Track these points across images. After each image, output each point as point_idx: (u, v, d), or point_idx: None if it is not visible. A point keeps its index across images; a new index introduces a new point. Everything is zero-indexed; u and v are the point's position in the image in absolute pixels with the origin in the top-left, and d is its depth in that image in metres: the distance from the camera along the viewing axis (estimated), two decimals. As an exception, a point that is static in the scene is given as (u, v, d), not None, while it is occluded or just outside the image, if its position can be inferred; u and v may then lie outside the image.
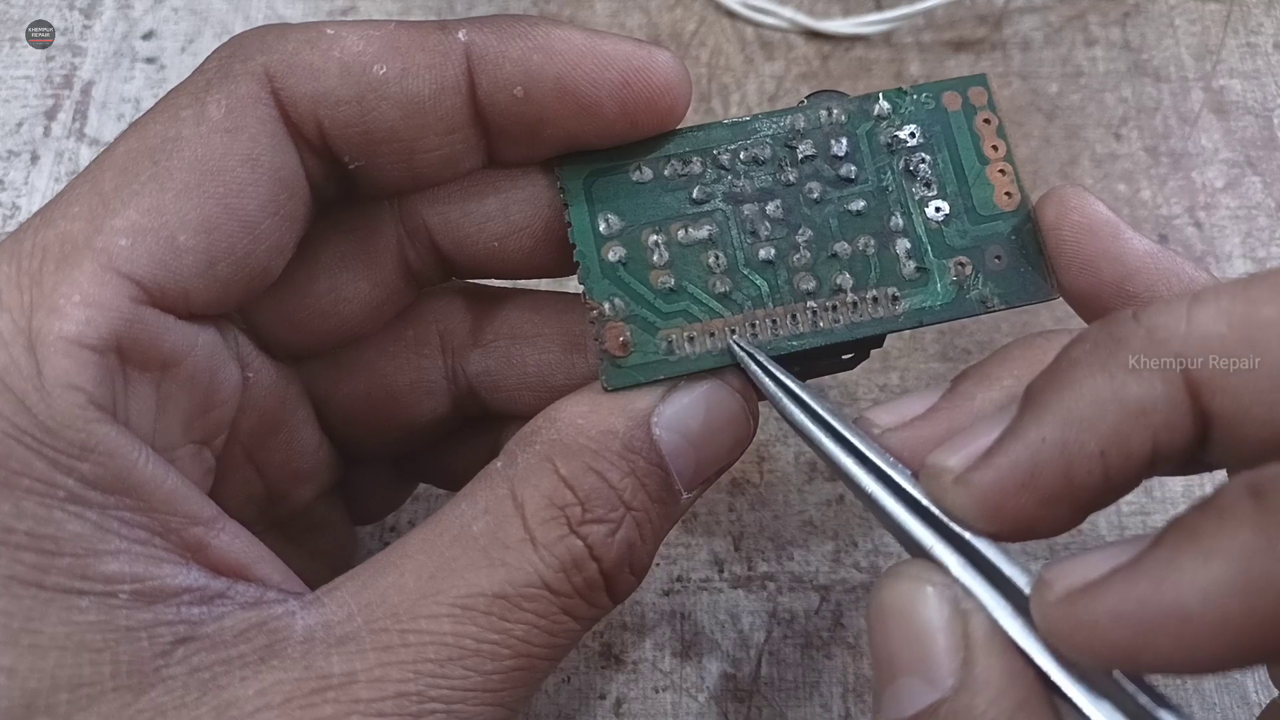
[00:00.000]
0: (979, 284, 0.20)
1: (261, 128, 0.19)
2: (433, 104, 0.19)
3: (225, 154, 0.18)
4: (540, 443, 0.19)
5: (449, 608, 0.17)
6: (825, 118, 0.21)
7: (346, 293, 0.22)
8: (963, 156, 0.21)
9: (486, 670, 0.17)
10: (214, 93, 0.18)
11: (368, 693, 0.16)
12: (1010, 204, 0.21)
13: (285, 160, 0.19)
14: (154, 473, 0.17)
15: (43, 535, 0.16)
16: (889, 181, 0.21)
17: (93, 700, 0.16)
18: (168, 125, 0.18)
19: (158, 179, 0.18)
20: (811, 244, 0.20)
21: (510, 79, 0.19)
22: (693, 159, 0.21)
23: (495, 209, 0.21)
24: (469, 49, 0.19)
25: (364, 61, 0.19)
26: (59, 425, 0.16)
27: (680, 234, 0.20)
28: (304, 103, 0.19)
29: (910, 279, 0.20)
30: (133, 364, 0.18)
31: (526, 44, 0.19)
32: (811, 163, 0.21)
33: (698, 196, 0.21)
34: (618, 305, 0.20)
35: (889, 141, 0.21)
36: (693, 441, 0.19)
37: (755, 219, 0.20)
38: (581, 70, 0.19)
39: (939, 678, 0.15)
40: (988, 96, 0.21)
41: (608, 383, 0.19)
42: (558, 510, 0.18)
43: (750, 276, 0.20)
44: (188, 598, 0.17)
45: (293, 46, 0.19)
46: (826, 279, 0.20)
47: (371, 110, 0.19)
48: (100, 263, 0.17)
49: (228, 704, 0.16)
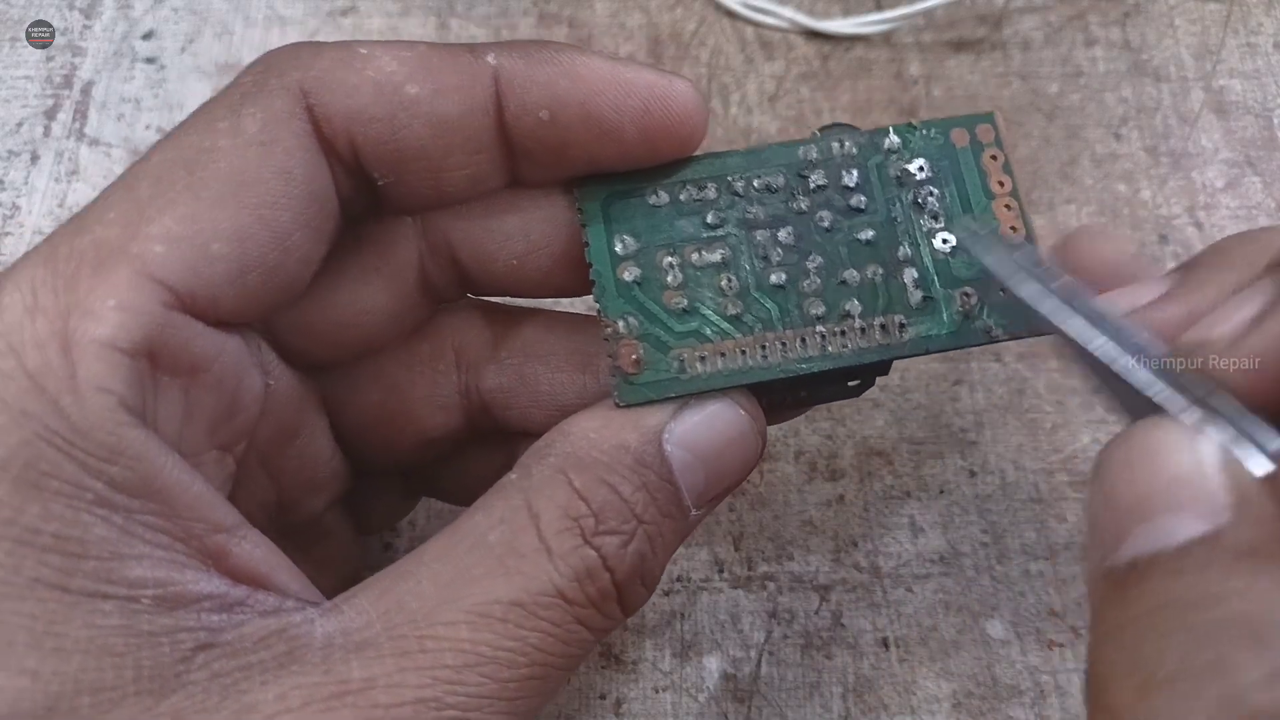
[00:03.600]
0: (983, 314, 0.21)
1: (296, 142, 0.19)
2: (461, 124, 0.20)
3: (260, 166, 0.18)
4: (555, 455, 0.19)
5: (466, 615, 0.17)
6: (837, 150, 0.22)
7: (367, 305, 0.22)
8: (970, 191, 0.22)
9: (502, 678, 0.17)
10: (249, 106, 0.19)
11: (386, 697, 0.16)
12: (1015, 238, 0.21)
13: (317, 175, 0.19)
14: (180, 478, 0.17)
15: (69, 538, 0.16)
16: (898, 213, 0.21)
17: (114, 704, 0.16)
18: (203, 137, 0.19)
19: (193, 188, 0.18)
20: (821, 270, 0.21)
21: (537, 103, 0.20)
22: (708, 185, 0.21)
23: (516, 228, 0.22)
24: (498, 72, 0.20)
25: (397, 81, 0.19)
26: (90, 428, 0.16)
27: (694, 256, 0.21)
28: (337, 119, 0.19)
29: (917, 307, 0.21)
30: (163, 368, 0.18)
31: (554, 69, 0.20)
32: (823, 192, 0.21)
33: (712, 221, 0.21)
34: (631, 324, 0.20)
35: (898, 174, 0.22)
36: (702, 458, 0.20)
37: (767, 244, 0.21)
38: (605, 96, 0.20)
39: (1212, 512, 0.15)
40: (995, 134, 0.22)
41: (620, 399, 0.20)
42: (572, 521, 0.18)
43: (761, 300, 0.21)
44: (208, 605, 0.17)
45: (327, 64, 0.19)
46: (835, 305, 0.21)
47: (403, 128, 0.20)
48: (135, 268, 0.17)
49: (248, 708, 0.16)
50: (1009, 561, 0.28)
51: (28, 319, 0.17)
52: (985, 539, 0.28)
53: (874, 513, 0.29)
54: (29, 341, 0.16)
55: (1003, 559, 0.28)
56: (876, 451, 0.29)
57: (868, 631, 0.27)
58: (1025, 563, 0.28)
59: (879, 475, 0.29)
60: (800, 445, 0.30)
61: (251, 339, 0.21)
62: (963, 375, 0.30)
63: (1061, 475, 0.29)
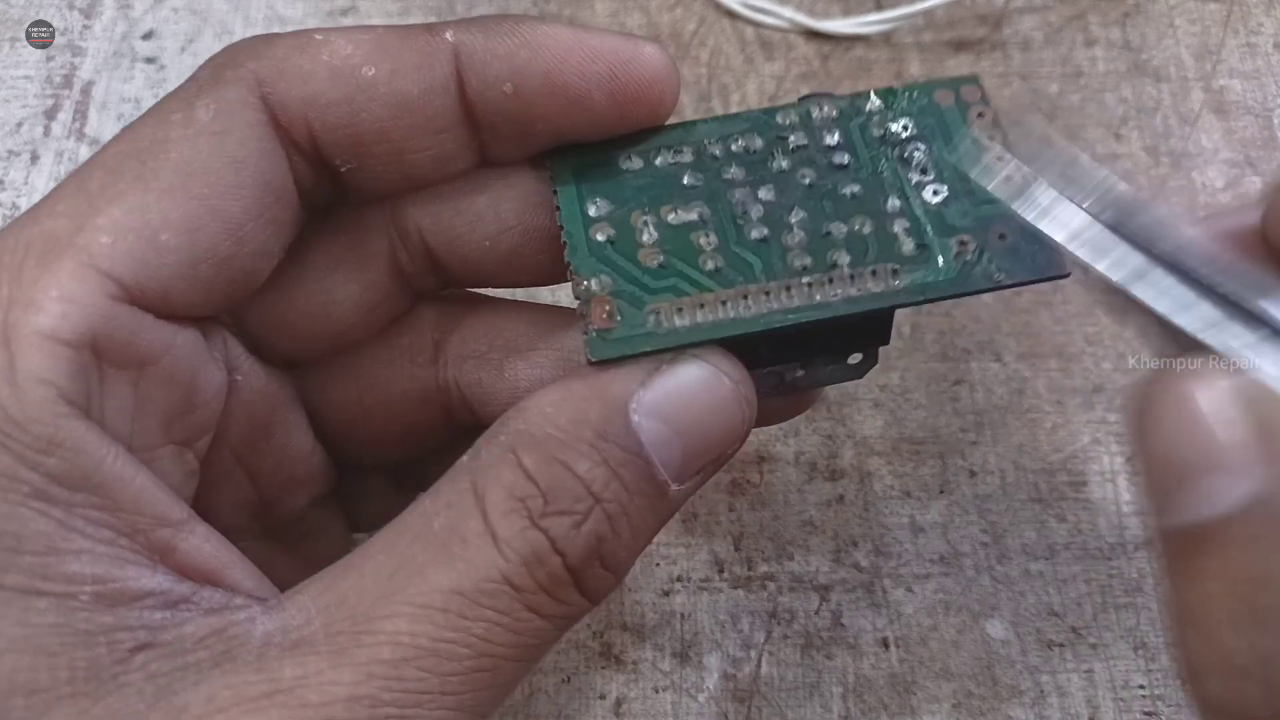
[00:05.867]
0: (984, 260, 0.20)
1: (249, 131, 0.19)
2: (422, 103, 0.20)
3: (211, 156, 0.18)
4: (505, 434, 0.18)
5: (406, 606, 0.17)
6: (817, 113, 0.21)
7: (337, 295, 0.22)
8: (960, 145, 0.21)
9: (444, 671, 0.17)
10: (203, 97, 0.19)
11: (316, 696, 0.16)
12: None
13: (272, 164, 0.19)
14: (123, 471, 0.17)
15: (4, 532, 0.16)
16: (884, 168, 0.21)
17: (49, 706, 0.16)
18: (156, 128, 0.18)
19: (143, 179, 0.18)
20: (805, 224, 0.20)
21: (499, 76, 0.20)
22: (684, 149, 0.21)
23: (486, 207, 0.21)
24: (457, 48, 0.19)
25: (352, 64, 0.19)
26: (27, 419, 0.16)
27: (670, 216, 0.20)
28: (294, 106, 0.19)
29: (910, 256, 0.20)
30: (109, 361, 0.17)
31: (513, 41, 0.19)
32: (803, 151, 0.21)
33: (689, 182, 0.20)
34: (605, 281, 0.19)
35: (882, 134, 0.21)
36: (677, 429, 0.18)
37: (747, 201, 0.20)
38: (569, 64, 0.19)
39: (1251, 468, 0.14)
40: (981, 93, 0.21)
41: (592, 354, 0.19)
42: (518, 502, 0.17)
43: (742, 254, 0.20)
44: (151, 601, 0.17)
45: (281, 52, 0.19)
46: (822, 256, 0.20)
47: (361, 111, 0.19)
48: (80, 259, 0.17)
49: (178, 709, 0.16)
50: (1009, 561, 0.28)
51: None
52: (985, 539, 0.28)
53: (874, 513, 0.29)
54: None
55: (1003, 559, 0.28)
56: (876, 451, 0.29)
57: (868, 631, 0.27)
58: (1025, 563, 0.28)
59: (879, 475, 0.29)
60: (800, 445, 0.30)
61: (215, 334, 0.20)
62: (963, 375, 0.30)
63: (1061, 475, 0.29)
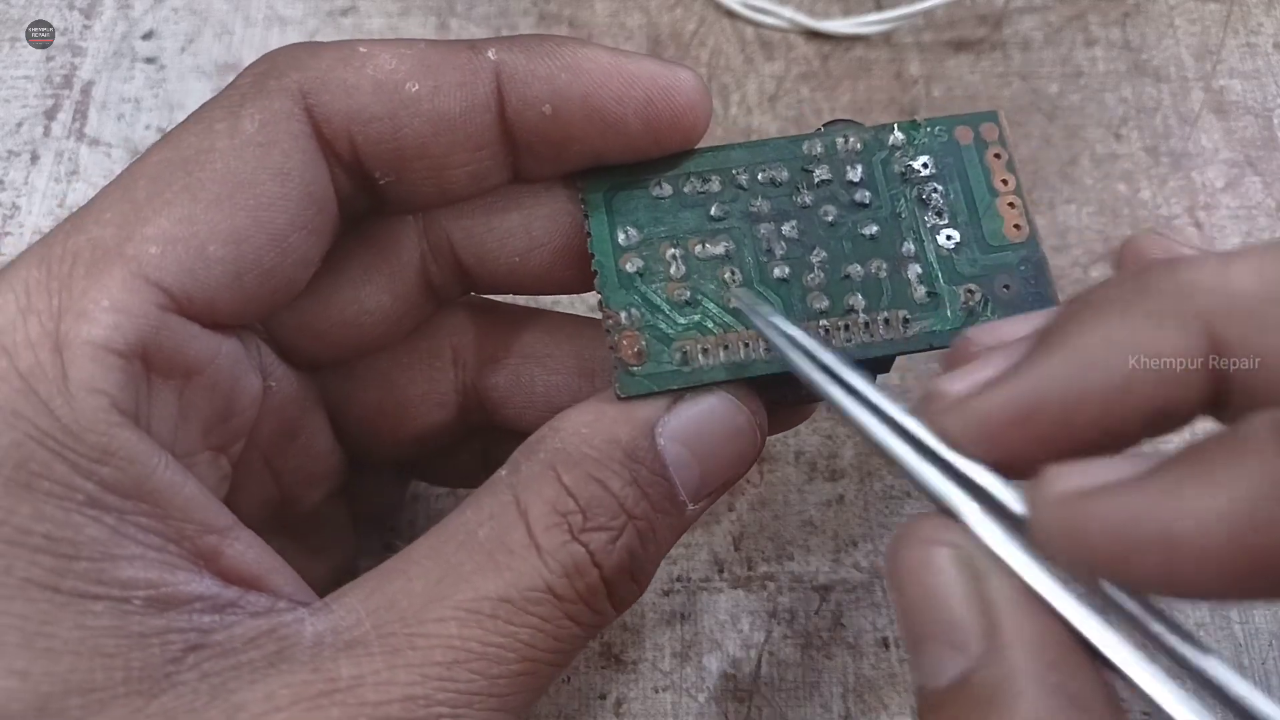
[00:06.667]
0: (987, 311, 0.21)
1: (294, 143, 0.19)
2: (463, 121, 0.20)
3: (257, 167, 0.18)
4: (544, 451, 0.19)
5: (455, 611, 0.17)
6: (841, 145, 0.22)
7: (368, 305, 0.22)
8: (974, 188, 0.22)
9: (492, 674, 0.17)
10: (248, 107, 0.19)
11: (375, 695, 0.16)
12: (1019, 236, 0.21)
13: (316, 175, 0.19)
14: (172, 479, 0.17)
15: (61, 539, 0.16)
16: (902, 209, 0.21)
17: (104, 705, 0.16)
18: (201, 137, 0.19)
19: (190, 189, 0.18)
20: (825, 265, 0.21)
21: (539, 97, 0.20)
22: (712, 177, 0.21)
23: (518, 224, 0.22)
24: (498, 67, 0.20)
25: (397, 79, 0.19)
26: (81, 429, 0.16)
27: (698, 249, 0.21)
28: (337, 119, 0.19)
29: (921, 303, 0.21)
30: (157, 370, 0.18)
31: (555, 63, 0.20)
32: (827, 187, 0.21)
33: (716, 214, 0.21)
34: (634, 315, 0.20)
35: (903, 170, 0.22)
36: (696, 453, 0.20)
37: (771, 238, 0.21)
38: (608, 88, 0.20)
39: (965, 644, 0.15)
40: (999, 132, 0.22)
41: (621, 390, 0.20)
42: (560, 517, 0.18)
43: (765, 293, 0.21)
44: (200, 606, 0.17)
45: (326, 64, 0.19)
46: (839, 299, 0.21)
47: (403, 126, 0.20)
48: (130, 269, 0.17)
49: (236, 707, 0.16)
50: (1009, 561, 0.28)
51: (20, 320, 0.17)
52: (985, 539, 0.28)
53: (874, 513, 0.29)
54: (21, 342, 0.16)
55: (1003, 559, 0.28)
56: (876, 451, 0.29)
57: (868, 631, 0.27)
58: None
59: (879, 475, 0.29)
60: (800, 445, 0.30)
61: (250, 340, 0.21)
62: (963, 375, 0.30)
63: (1061, 475, 0.29)
